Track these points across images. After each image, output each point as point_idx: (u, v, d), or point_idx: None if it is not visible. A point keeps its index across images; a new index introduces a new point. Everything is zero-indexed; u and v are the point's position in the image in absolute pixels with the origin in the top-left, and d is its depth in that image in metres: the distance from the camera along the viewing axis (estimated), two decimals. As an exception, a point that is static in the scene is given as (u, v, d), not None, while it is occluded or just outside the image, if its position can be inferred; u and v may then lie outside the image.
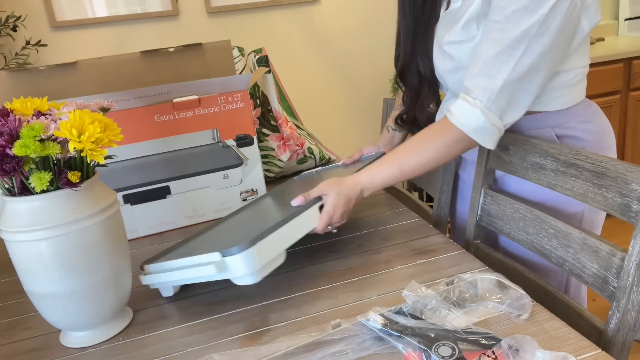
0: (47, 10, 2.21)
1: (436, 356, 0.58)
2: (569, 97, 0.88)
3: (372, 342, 0.63)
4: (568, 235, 0.78)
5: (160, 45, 2.36)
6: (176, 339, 0.72)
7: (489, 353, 0.58)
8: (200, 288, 0.86)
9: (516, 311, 0.66)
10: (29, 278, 0.68)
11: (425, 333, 0.62)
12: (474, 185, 1.00)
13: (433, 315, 0.66)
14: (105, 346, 0.73)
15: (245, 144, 1.16)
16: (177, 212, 1.13)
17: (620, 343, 0.69)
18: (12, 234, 0.66)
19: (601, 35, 2.90)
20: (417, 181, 1.33)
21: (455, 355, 0.58)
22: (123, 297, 0.76)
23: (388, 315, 0.65)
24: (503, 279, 0.71)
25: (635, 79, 2.47)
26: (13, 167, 0.63)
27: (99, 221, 0.70)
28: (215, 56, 1.30)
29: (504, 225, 0.93)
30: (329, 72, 2.73)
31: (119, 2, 2.29)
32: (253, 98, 1.38)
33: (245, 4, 2.45)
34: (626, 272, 0.67)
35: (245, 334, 0.70)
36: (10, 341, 0.77)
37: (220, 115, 1.12)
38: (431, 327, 0.63)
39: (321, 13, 2.62)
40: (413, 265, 0.83)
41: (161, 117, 1.08)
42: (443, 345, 0.60)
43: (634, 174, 0.67)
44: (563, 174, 0.80)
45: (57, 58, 2.26)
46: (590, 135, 0.89)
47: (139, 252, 1.04)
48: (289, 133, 1.38)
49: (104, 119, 0.69)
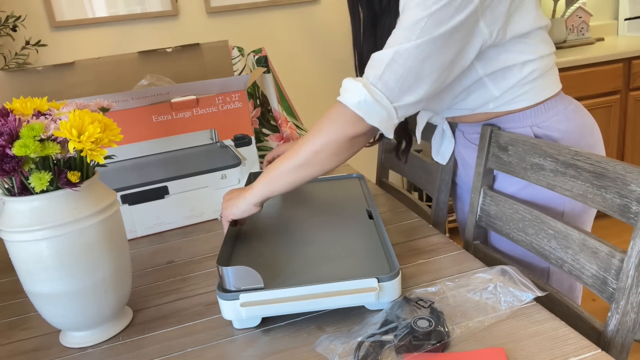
0: (46, 10, 2.21)
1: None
2: (536, 92, 0.88)
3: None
4: (567, 236, 0.78)
5: (160, 45, 2.36)
6: (176, 339, 0.72)
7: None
8: (200, 288, 0.86)
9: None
10: (29, 278, 0.68)
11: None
12: (473, 186, 1.00)
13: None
14: (105, 346, 0.73)
15: (243, 144, 1.16)
16: (175, 212, 1.13)
17: (620, 344, 0.69)
18: (12, 234, 0.66)
19: (601, 35, 2.91)
20: (417, 181, 1.33)
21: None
22: (123, 297, 0.76)
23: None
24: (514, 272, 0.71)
25: (635, 79, 2.47)
26: (13, 167, 0.63)
27: (98, 221, 0.70)
28: (213, 56, 1.30)
29: (503, 226, 0.93)
30: (329, 72, 2.73)
31: (118, 2, 2.29)
32: (253, 98, 1.38)
33: (245, 4, 2.45)
34: (625, 273, 0.67)
35: (244, 334, 0.71)
36: (10, 341, 0.77)
37: (218, 116, 1.12)
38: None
39: (321, 13, 2.62)
40: (413, 265, 0.83)
41: (159, 118, 1.08)
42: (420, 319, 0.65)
43: (633, 175, 0.67)
44: (562, 175, 0.80)
45: (57, 58, 2.26)
46: (567, 134, 0.89)
47: (138, 253, 1.04)
48: (289, 133, 1.38)
49: (103, 119, 0.69)
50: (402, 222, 1.01)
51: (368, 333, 0.64)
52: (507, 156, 0.91)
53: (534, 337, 0.62)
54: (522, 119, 0.90)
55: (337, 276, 0.72)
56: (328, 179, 1.16)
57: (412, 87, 0.77)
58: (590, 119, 0.93)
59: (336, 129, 0.79)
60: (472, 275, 0.77)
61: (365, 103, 0.77)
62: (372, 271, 0.73)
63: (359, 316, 0.70)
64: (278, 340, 0.68)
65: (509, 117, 0.91)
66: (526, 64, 0.86)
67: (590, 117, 0.93)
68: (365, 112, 0.77)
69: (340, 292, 0.68)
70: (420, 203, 1.36)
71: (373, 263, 0.76)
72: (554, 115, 0.89)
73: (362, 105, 0.77)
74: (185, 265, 0.96)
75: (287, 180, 0.83)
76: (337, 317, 0.71)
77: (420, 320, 0.64)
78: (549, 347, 0.60)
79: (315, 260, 0.78)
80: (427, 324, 0.63)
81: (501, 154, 0.93)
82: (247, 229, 0.92)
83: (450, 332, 0.64)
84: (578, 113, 0.92)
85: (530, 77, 0.87)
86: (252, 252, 0.83)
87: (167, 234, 1.12)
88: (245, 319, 0.70)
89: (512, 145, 0.90)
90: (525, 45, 0.85)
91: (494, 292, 0.71)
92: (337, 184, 1.13)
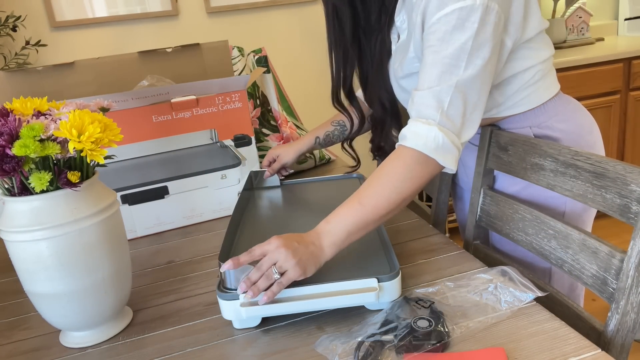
0: (46, 10, 2.21)
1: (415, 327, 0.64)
2: (537, 95, 0.88)
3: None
4: (567, 236, 0.78)
5: (160, 45, 2.36)
6: (176, 339, 0.72)
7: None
8: (199, 288, 0.86)
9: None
10: (29, 278, 0.68)
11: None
12: (473, 186, 1.00)
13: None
14: (105, 346, 0.73)
15: (243, 144, 1.16)
16: (175, 212, 1.13)
17: (620, 345, 0.69)
18: (12, 234, 0.66)
19: (601, 35, 2.90)
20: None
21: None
22: (123, 297, 0.76)
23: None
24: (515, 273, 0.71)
25: (635, 79, 2.47)
26: (13, 167, 0.63)
27: (98, 221, 0.70)
28: (212, 56, 1.30)
29: (503, 226, 0.93)
30: (329, 72, 2.73)
31: (118, 2, 2.29)
32: (253, 98, 1.38)
33: (245, 4, 2.45)
34: (625, 273, 0.67)
35: (245, 334, 0.70)
36: (10, 341, 0.77)
37: (218, 116, 1.12)
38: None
39: (321, 13, 2.61)
40: (413, 265, 0.83)
41: (159, 118, 1.08)
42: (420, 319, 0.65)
43: (633, 175, 0.67)
44: (562, 175, 0.80)
45: (57, 58, 2.26)
46: (566, 134, 0.89)
47: (138, 253, 1.04)
48: (289, 133, 1.38)
49: (103, 119, 0.69)
50: (402, 222, 1.01)
51: (368, 333, 0.64)
52: (507, 156, 0.91)
53: (534, 337, 0.62)
54: (521, 121, 0.90)
55: (337, 276, 0.72)
56: (328, 179, 1.16)
57: (472, 119, 0.76)
58: (589, 119, 0.93)
59: (409, 177, 0.74)
60: (472, 275, 0.77)
61: (443, 147, 0.73)
62: (372, 271, 0.74)
63: (359, 316, 0.70)
64: (278, 340, 0.68)
65: (509, 120, 0.91)
66: (528, 70, 0.86)
67: (589, 117, 0.93)
68: (444, 156, 0.74)
69: (340, 292, 0.68)
70: (420, 203, 1.36)
71: (373, 263, 0.76)
72: (554, 116, 0.89)
73: (440, 149, 0.73)
74: (185, 265, 0.96)
75: (365, 232, 0.75)
76: (337, 317, 0.71)
77: (420, 320, 0.64)
78: (549, 347, 0.60)
79: None
80: (427, 324, 0.63)
81: (501, 154, 0.93)
82: (247, 228, 0.92)
83: (450, 332, 0.64)
84: (577, 112, 0.92)
85: (531, 81, 0.87)
86: None
87: (167, 234, 1.12)
88: (245, 319, 0.70)
89: (512, 145, 0.90)
90: (529, 51, 0.85)
91: (494, 293, 0.71)
92: (337, 184, 1.13)
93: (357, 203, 0.74)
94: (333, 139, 1.17)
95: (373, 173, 0.76)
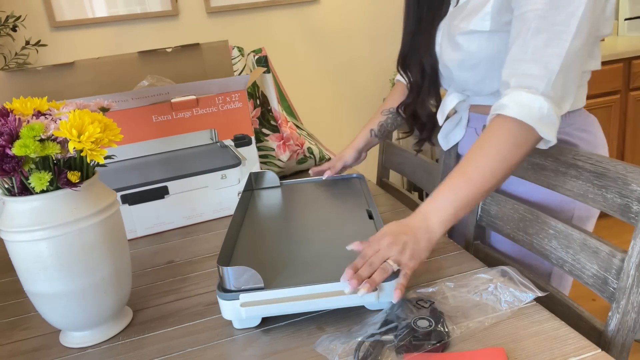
0: (46, 10, 2.21)
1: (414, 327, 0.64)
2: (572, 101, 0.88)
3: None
4: (568, 236, 0.78)
5: (160, 45, 2.36)
6: (176, 339, 0.72)
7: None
8: (200, 288, 0.86)
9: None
10: (28, 278, 0.68)
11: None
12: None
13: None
14: (105, 346, 0.72)
15: (243, 144, 1.16)
16: (175, 212, 1.13)
17: (620, 344, 0.69)
18: (12, 234, 0.66)
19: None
20: (417, 181, 1.33)
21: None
22: (123, 297, 0.76)
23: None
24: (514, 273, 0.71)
25: (635, 79, 2.47)
26: (13, 167, 0.63)
27: (98, 221, 0.70)
28: (212, 56, 1.30)
29: (503, 226, 0.93)
30: (329, 72, 2.73)
31: (118, 2, 2.29)
32: (253, 98, 1.38)
33: (245, 4, 2.45)
34: (626, 273, 0.67)
35: (245, 334, 0.70)
36: (10, 341, 0.77)
37: (218, 116, 1.12)
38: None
39: (321, 13, 2.62)
40: (413, 266, 0.83)
41: (159, 118, 1.08)
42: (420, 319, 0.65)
43: (634, 175, 0.67)
44: (563, 175, 0.80)
45: (57, 58, 2.26)
46: (584, 143, 0.89)
47: (138, 253, 1.04)
48: (289, 133, 1.38)
49: (103, 119, 0.69)
50: (402, 222, 1.01)
51: (368, 333, 0.64)
52: (508, 156, 0.91)
53: (534, 337, 0.62)
54: None
55: (337, 276, 0.71)
56: (328, 179, 1.16)
57: (571, 90, 0.73)
58: (603, 134, 0.92)
59: (511, 149, 0.72)
60: (472, 275, 0.77)
61: (547, 118, 0.70)
62: None
63: (359, 316, 0.70)
64: (278, 340, 0.68)
65: None
66: (584, 72, 0.84)
67: (602, 133, 0.93)
68: (547, 127, 0.71)
69: (340, 292, 0.68)
70: (421, 203, 1.36)
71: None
72: (573, 124, 0.88)
73: (545, 120, 0.70)
74: (185, 265, 0.96)
75: (473, 206, 0.74)
76: (337, 317, 0.71)
77: (420, 320, 0.64)
78: (549, 347, 0.60)
79: (315, 260, 0.78)
80: (427, 324, 0.63)
81: (501, 153, 0.93)
82: (247, 229, 0.92)
83: (450, 332, 0.64)
84: (595, 126, 0.91)
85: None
86: (252, 252, 0.82)
87: (167, 234, 1.12)
88: (245, 319, 0.70)
89: (512, 145, 0.90)
90: (593, 50, 0.83)
91: (494, 293, 0.71)
92: (337, 184, 1.12)
93: (461, 176, 0.73)
94: (388, 128, 1.17)
95: (472, 147, 0.75)
